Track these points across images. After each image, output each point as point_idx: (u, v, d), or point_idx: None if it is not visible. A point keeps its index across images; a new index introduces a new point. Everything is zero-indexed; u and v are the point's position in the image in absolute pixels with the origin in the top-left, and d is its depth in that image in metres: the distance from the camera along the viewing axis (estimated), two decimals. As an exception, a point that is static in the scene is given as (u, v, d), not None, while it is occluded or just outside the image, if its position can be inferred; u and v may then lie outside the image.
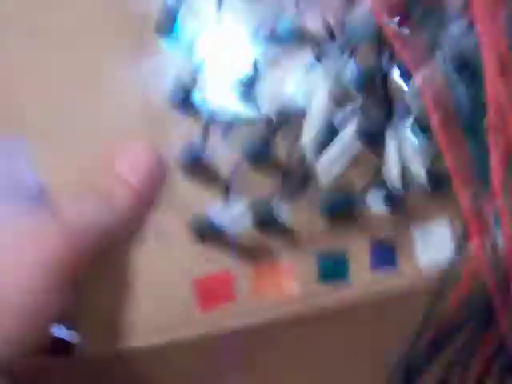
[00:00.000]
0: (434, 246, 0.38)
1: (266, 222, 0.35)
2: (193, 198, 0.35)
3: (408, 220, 0.38)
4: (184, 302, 0.35)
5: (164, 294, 0.35)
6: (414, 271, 0.38)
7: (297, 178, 0.33)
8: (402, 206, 0.35)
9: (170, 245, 0.35)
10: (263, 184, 0.35)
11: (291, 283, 0.36)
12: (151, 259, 0.35)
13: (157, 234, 0.35)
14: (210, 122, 0.34)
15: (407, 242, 0.38)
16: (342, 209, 0.36)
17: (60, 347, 0.35)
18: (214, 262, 0.36)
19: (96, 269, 0.34)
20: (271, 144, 0.34)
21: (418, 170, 0.31)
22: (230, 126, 0.34)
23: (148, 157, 0.33)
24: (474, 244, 0.29)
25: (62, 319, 0.34)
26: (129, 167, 0.33)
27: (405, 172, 0.32)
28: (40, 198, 0.33)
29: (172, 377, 0.38)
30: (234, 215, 0.33)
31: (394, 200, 0.33)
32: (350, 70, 0.31)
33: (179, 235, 0.35)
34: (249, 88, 0.34)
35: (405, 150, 0.31)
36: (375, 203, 0.33)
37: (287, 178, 0.33)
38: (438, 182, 0.36)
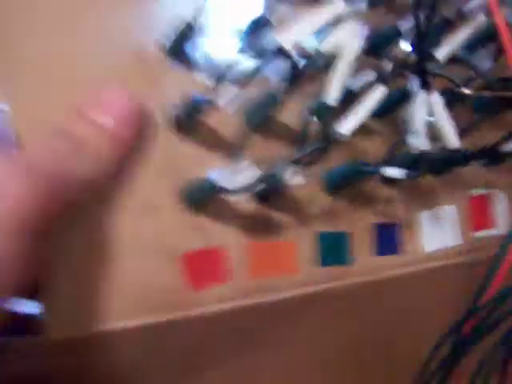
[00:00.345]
0: (440, 232, 0.36)
1: (271, 192, 0.31)
2: (186, 162, 0.31)
3: (414, 205, 0.36)
4: (172, 280, 0.31)
5: (150, 270, 0.30)
6: (419, 257, 0.36)
7: (309, 145, 0.29)
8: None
9: (159, 215, 0.30)
10: (269, 150, 0.32)
11: (291, 264, 0.33)
12: (137, 231, 0.30)
13: (144, 202, 0.30)
14: (209, 76, 0.29)
15: (412, 227, 0.36)
16: (348, 184, 0.33)
17: (24, 325, 0.29)
18: (208, 236, 0.31)
19: (72, 238, 0.29)
20: (278, 105, 0.30)
21: (448, 129, 0.28)
22: (232, 81, 0.30)
23: (126, 102, 0.29)
24: None
25: (28, 291, 0.29)
26: (104, 112, 0.28)
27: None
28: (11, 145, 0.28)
29: (155, 360, 0.33)
30: (238, 181, 0.28)
31: (417, 164, 0.30)
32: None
33: (169, 204, 0.31)
34: (254, 37, 0.30)
35: (434, 111, 0.28)
36: (395, 173, 0.30)
37: (299, 145, 0.29)
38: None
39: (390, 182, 0.35)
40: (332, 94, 0.27)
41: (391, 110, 0.34)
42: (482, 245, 0.37)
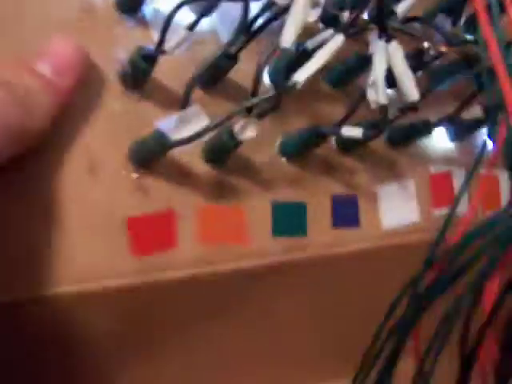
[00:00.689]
0: (398, 208, 0.35)
1: (222, 150, 0.29)
2: (135, 120, 0.29)
3: (374, 178, 0.34)
4: (116, 244, 0.29)
5: (94, 233, 0.28)
6: (377, 232, 0.34)
7: (265, 103, 0.28)
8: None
9: (105, 176, 0.28)
10: (222, 107, 0.30)
11: (241, 234, 0.31)
12: (82, 192, 0.28)
13: (90, 163, 0.28)
14: (162, 34, 0.28)
15: (371, 201, 0.34)
16: (307, 148, 0.32)
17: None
18: (155, 199, 0.29)
19: (13, 198, 0.27)
20: (229, 64, 0.29)
21: (407, 81, 0.27)
22: (184, 39, 0.28)
23: (69, 52, 0.28)
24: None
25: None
26: (45, 61, 0.27)
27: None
28: None
29: (96, 331, 0.31)
30: (186, 129, 0.27)
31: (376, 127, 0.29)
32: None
33: (116, 165, 0.29)
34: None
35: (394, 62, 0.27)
36: (352, 132, 0.29)
37: (252, 102, 0.28)
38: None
39: (349, 149, 0.33)
40: (287, 38, 0.25)
41: (351, 76, 0.33)
42: (440, 223, 0.36)
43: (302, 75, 0.26)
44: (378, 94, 0.27)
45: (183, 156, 0.30)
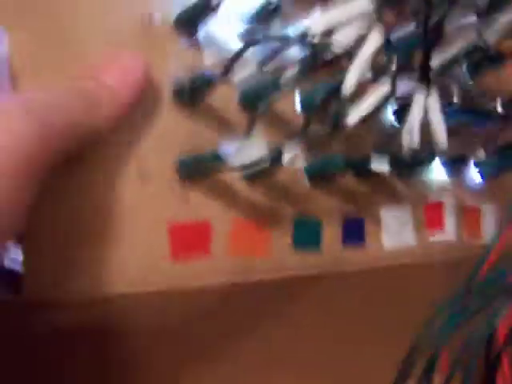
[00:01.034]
0: (397, 231, 0.38)
1: (263, 172, 0.32)
2: (184, 135, 0.32)
3: (378, 201, 0.38)
4: (157, 248, 0.31)
5: (137, 237, 0.30)
6: (379, 251, 0.38)
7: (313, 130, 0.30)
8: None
9: (153, 185, 0.31)
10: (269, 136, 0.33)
11: (265, 246, 0.34)
12: (129, 197, 0.30)
13: (139, 171, 0.30)
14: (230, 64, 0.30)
15: (375, 223, 0.38)
16: (327, 178, 0.35)
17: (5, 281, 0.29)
18: (195, 209, 0.32)
19: (66, 197, 0.29)
20: (279, 91, 0.31)
21: (440, 132, 0.30)
22: (235, 64, 0.30)
23: (136, 66, 0.30)
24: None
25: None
26: (116, 75, 0.29)
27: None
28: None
29: (135, 330, 0.33)
30: (244, 157, 0.29)
31: (401, 163, 0.32)
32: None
33: (163, 175, 0.31)
34: (264, 22, 0.31)
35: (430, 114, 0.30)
36: (380, 166, 0.32)
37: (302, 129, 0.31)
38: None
39: (361, 175, 0.36)
40: (348, 85, 0.28)
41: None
42: (432, 248, 0.40)
43: (352, 119, 0.29)
44: (412, 140, 0.30)
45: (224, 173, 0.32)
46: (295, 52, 0.30)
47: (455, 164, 0.39)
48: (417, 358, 0.26)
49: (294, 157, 0.30)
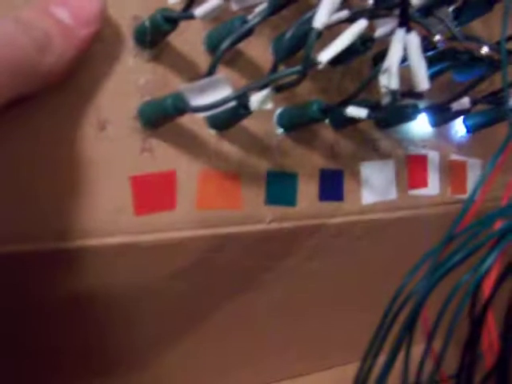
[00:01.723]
0: (377, 186, 0.36)
1: (231, 119, 0.30)
2: (146, 79, 0.29)
3: (358, 155, 0.36)
4: (119, 201, 0.29)
5: (98, 189, 0.28)
6: (358, 207, 0.36)
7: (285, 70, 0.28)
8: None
9: (113, 134, 0.28)
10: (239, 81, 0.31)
11: (236, 200, 0.32)
12: (89, 148, 0.28)
13: (98, 119, 0.28)
14: None
15: (354, 177, 0.36)
16: (305, 124, 0.33)
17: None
18: (158, 160, 0.30)
19: (20, 147, 0.27)
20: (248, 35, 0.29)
21: (420, 70, 0.28)
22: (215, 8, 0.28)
23: (93, 5, 0.27)
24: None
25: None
26: (70, 11, 0.26)
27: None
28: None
29: (104, 285, 0.31)
30: (206, 98, 0.27)
31: (376, 110, 0.30)
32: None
33: (124, 123, 0.29)
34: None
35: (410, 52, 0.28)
36: (357, 111, 0.30)
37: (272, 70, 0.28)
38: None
39: (340, 127, 0.35)
40: (321, 18, 0.26)
41: (352, 56, 0.34)
42: (414, 202, 0.38)
43: (325, 56, 0.27)
44: (390, 79, 0.28)
45: (189, 120, 0.30)
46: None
47: (438, 114, 0.37)
48: (398, 310, 0.25)
49: (262, 99, 0.28)
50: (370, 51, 0.32)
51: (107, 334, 0.34)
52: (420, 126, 0.38)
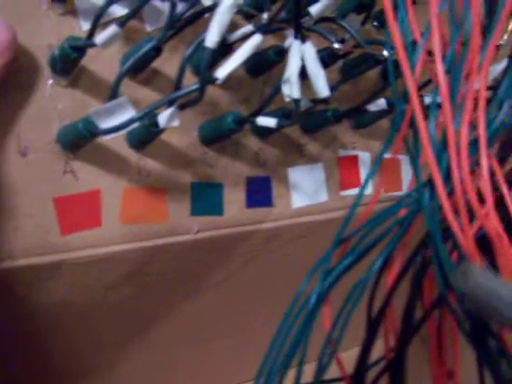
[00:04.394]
0: (307, 189, 0.37)
1: (145, 137, 0.31)
2: (64, 105, 0.31)
3: (285, 160, 0.37)
4: (43, 223, 0.30)
5: (24, 212, 0.30)
6: (287, 212, 0.37)
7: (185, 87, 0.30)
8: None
9: (34, 159, 0.30)
10: (150, 96, 0.32)
11: (162, 213, 0.33)
12: (11, 173, 0.29)
13: (20, 146, 0.30)
14: (92, 27, 0.29)
15: (282, 182, 0.37)
16: (224, 136, 0.34)
17: None
18: (81, 181, 0.31)
19: None
20: (157, 55, 0.31)
21: (319, 78, 0.29)
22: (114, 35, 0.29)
23: (4, 33, 0.28)
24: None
25: None
26: None
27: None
28: None
29: (41, 303, 0.33)
30: (113, 120, 0.28)
31: (289, 117, 0.32)
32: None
33: (44, 148, 0.30)
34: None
35: (307, 61, 0.29)
36: (267, 120, 0.31)
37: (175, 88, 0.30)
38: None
39: (263, 135, 0.36)
40: (211, 37, 0.27)
41: (267, 67, 0.35)
42: (347, 203, 0.39)
43: (222, 72, 0.28)
44: (291, 89, 0.29)
45: (109, 141, 0.31)
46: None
47: (362, 115, 0.38)
48: (296, 315, 0.26)
49: (168, 117, 0.29)
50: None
51: (51, 350, 0.36)
52: (347, 127, 0.39)
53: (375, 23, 0.38)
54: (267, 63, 0.34)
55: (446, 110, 0.24)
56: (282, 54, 0.33)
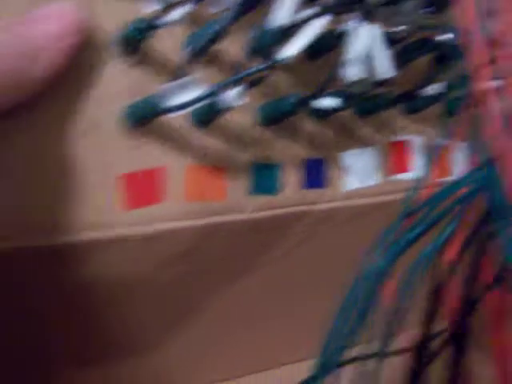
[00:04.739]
0: (360, 172, 0.38)
1: (210, 115, 0.32)
2: (130, 84, 0.32)
3: (339, 143, 0.38)
4: (108, 199, 0.31)
5: (90, 188, 0.31)
6: (341, 193, 0.38)
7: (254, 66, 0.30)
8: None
9: (101, 136, 0.31)
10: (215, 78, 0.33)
11: (221, 190, 0.34)
12: (77, 151, 0.30)
13: (86, 123, 0.31)
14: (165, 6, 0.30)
15: (336, 164, 0.38)
16: (282, 117, 0.35)
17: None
18: (147, 157, 0.32)
19: (11, 152, 0.29)
20: (221, 36, 0.31)
21: (383, 59, 0.30)
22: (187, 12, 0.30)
23: (74, 13, 0.29)
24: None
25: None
26: (54, 22, 0.29)
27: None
28: None
29: (100, 279, 0.34)
30: (182, 97, 0.29)
31: (350, 99, 0.32)
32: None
33: (111, 125, 0.31)
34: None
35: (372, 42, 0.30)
36: (330, 101, 0.32)
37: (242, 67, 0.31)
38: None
39: (318, 117, 0.36)
40: (282, 16, 0.28)
41: (324, 51, 0.35)
42: (397, 187, 0.40)
43: (290, 51, 0.29)
44: (356, 69, 0.30)
45: (173, 119, 0.32)
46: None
47: (415, 100, 0.39)
48: (360, 287, 0.26)
49: (235, 95, 0.30)
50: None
51: (103, 324, 0.37)
52: (400, 112, 0.40)
53: (430, 8, 0.38)
54: (326, 46, 0.35)
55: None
56: (341, 37, 0.34)
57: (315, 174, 0.37)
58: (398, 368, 0.29)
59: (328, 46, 0.35)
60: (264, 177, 0.35)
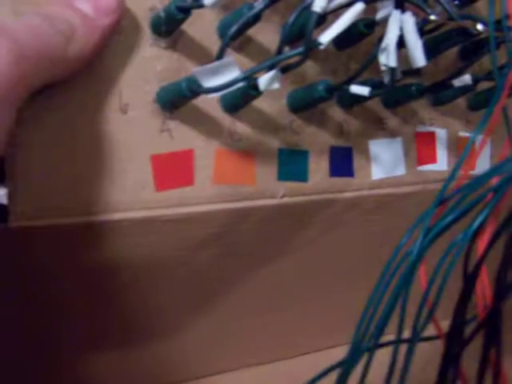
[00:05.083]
0: (386, 162, 0.38)
1: (242, 100, 0.32)
2: (163, 66, 0.32)
3: (366, 133, 0.38)
4: (141, 178, 0.31)
5: (122, 168, 0.31)
6: (367, 182, 0.38)
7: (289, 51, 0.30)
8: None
9: (134, 117, 0.31)
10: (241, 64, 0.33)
11: (250, 176, 0.34)
12: (112, 130, 0.31)
13: (121, 103, 0.31)
14: None
15: (363, 153, 0.38)
16: (310, 105, 0.35)
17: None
18: (177, 140, 0.32)
19: (47, 127, 0.29)
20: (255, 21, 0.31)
21: (416, 48, 0.30)
22: None
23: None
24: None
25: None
26: (90, 2, 0.29)
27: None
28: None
29: (127, 259, 0.34)
30: (217, 80, 0.29)
31: (379, 88, 0.32)
32: None
33: (144, 106, 0.31)
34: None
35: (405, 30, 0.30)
36: (360, 89, 0.32)
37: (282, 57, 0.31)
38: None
39: (347, 106, 0.37)
40: (319, 3, 0.28)
41: (356, 39, 0.36)
42: (423, 178, 0.40)
43: (325, 37, 0.29)
44: (389, 57, 0.30)
45: (204, 103, 0.32)
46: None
47: (443, 91, 0.39)
48: (395, 271, 0.26)
49: (269, 80, 0.30)
50: (374, 33, 0.34)
51: (124, 308, 0.37)
52: (426, 104, 0.40)
53: (457, 1, 0.38)
54: (356, 36, 0.35)
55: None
56: (372, 26, 0.34)
57: (343, 162, 0.37)
58: (430, 355, 0.29)
59: (358, 36, 0.35)
60: (293, 163, 0.35)
